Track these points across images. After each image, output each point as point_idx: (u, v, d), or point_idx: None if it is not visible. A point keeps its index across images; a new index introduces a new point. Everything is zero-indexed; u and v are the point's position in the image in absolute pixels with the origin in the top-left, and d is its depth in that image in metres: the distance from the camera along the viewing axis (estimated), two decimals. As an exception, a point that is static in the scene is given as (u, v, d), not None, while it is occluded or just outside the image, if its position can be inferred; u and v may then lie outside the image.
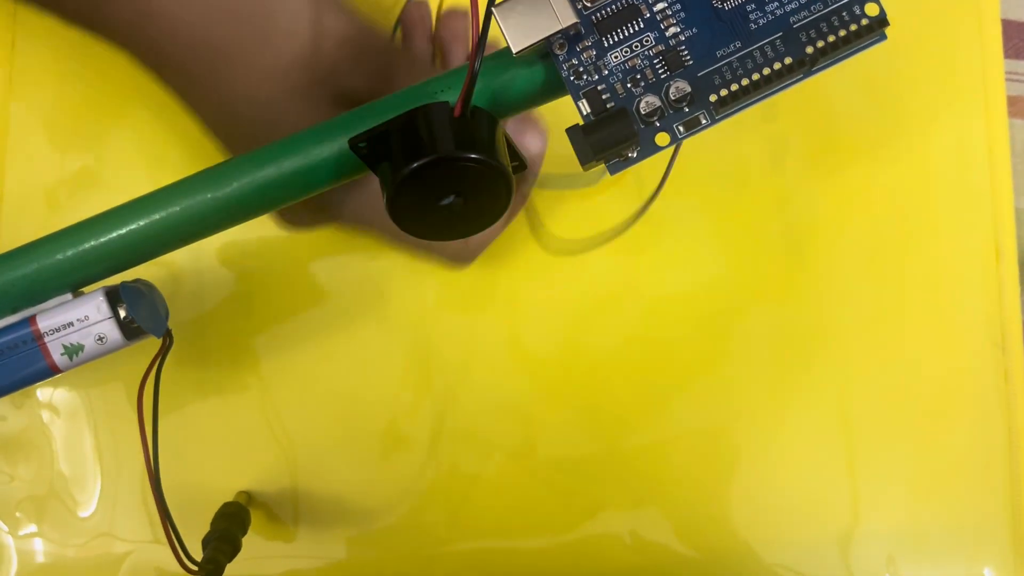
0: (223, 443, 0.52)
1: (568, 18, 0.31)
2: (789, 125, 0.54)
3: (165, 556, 0.51)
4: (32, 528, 0.51)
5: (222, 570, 0.42)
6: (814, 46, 0.32)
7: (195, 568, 0.41)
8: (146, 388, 0.38)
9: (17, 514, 0.51)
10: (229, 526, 0.47)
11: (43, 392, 0.52)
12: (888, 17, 0.32)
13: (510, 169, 0.34)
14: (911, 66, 0.55)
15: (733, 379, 0.54)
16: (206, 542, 0.44)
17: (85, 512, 0.51)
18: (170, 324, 0.40)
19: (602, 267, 0.54)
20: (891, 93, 0.55)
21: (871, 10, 0.31)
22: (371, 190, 0.41)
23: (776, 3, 0.32)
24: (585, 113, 0.33)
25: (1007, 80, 0.56)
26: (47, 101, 0.53)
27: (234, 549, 0.45)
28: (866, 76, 0.55)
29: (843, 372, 0.54)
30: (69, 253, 0.36)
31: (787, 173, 0.54)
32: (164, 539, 0.50)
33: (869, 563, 0.53)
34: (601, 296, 0.53)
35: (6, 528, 0.51)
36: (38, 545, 0.51)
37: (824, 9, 0.31)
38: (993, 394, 0.54)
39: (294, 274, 0.53)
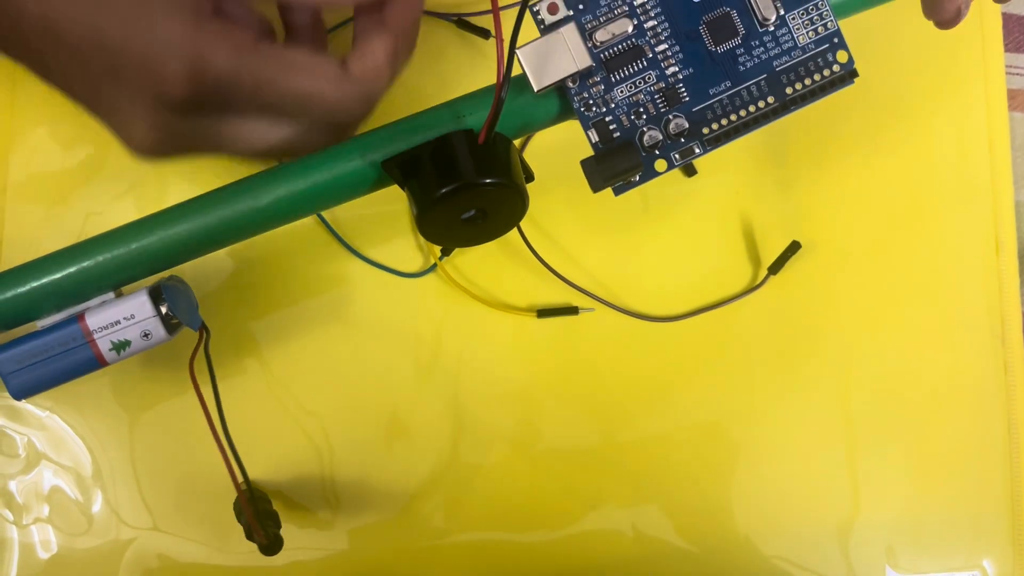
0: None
1: (584, 61, 0.42)
2: (789, 118, 0.56)
3: (167, 543, 0.57)
4: (35, 516, 0.57)
5: (281, 541, 0.50)
6: (793, 87, 0.43)
7: (265, 542, 0.49)
8: (195, 374, 0.47)
9: (20, 502, 0.57)
10: (265, 506, 0.54)
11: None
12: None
13: (524, 185, 0.44)
14: (912, 60, 0.62)
15: (734, 371, 0.60)
16: (249, 529, 0.51)
17: (88, 501, 0.58)
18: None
19: (602, 259, 0.60)
20: (892, 87, 0.62)
21: (841, 57, 0.42)
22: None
23: (761, 49, 0.43)
24: (594, 141, 0.43)
25: (1007, 74, 0.63)
26: (51, 93, 0.53)
27: (277, 524, 0.52)
28: (867, 71, 0.56)
29: (843, 364, 0.60)
30: (114, 255, 0.44)
31: (787, 165, 0.61)
32: (166, 527, 0.57)
33: (868, 554, 0.59)
34: (604, 288, 0.60)
35: (10, 517, 0.57)
36: (42, 533, 0.57)
37: (802, 56, 0.43)
38: (993, 386, 0.61)
39: (294, 265, 0.59)
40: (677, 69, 0.43)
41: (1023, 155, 0.64)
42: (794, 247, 0.59)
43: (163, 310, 0.45)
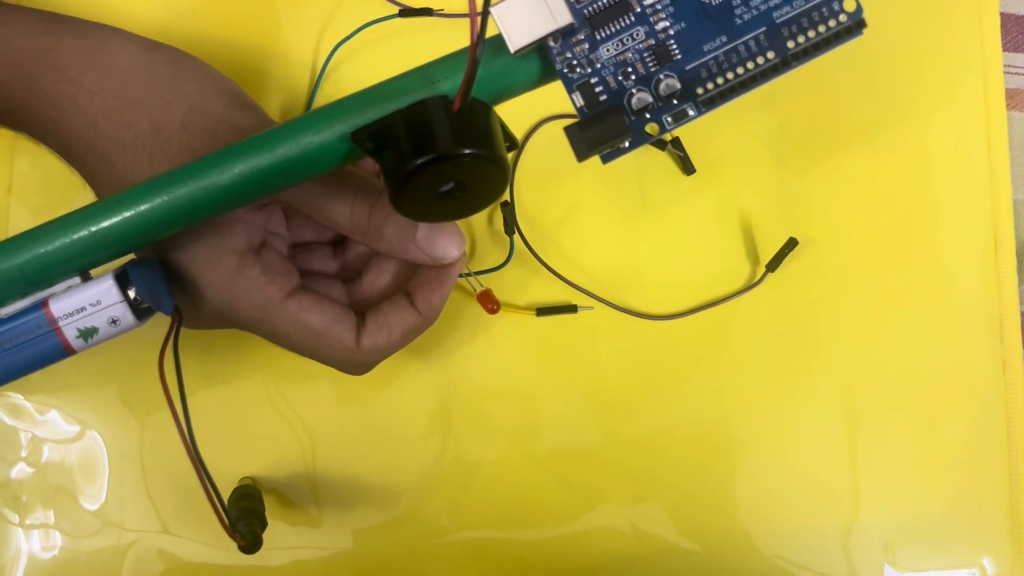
0: (226, 430, 0.53)
1: (564, 17, 0.34)
2: (788, 116, 0.56)
3: (168, 543, 0.53)
4: (39, 517, 0.53)
5: (260, 542, 0.45)
6: (795, 41, 0.34)
7: (237, 537, 0.43)
8: (165, 365, 0.40)
9: (24, 501, 0.53)
10: (251, 504, 0.49)
11: (49, 386, 0.54)
12: (870, 16, 0.35)
13: (506, 156, 0.36)
14: (911, 59, 0.57)
15: (733, 370, 0.55)
16: (235, 520, 0.47)
17: (91, 503, 0.53)
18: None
19: (600, 257, 0.55)
20: (891, 86, 0.57)
21: (848, 5, 0.34)
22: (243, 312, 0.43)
23: (760, -1, 0.34)
24: (579, 105, 0.35)
25: (1005, 73, 0.58)
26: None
27: (263, 523, 0.48)
28: (865, 68, 0.56)
29: (842, 363, 0.55)
30: (75, 237, 0.37)
31: (785, 163, 0.56)
32: (168, 528, 0.53)
33: (868, 553, 0.55)
34: (603, 287, 0.55)
35: (15, 519, 0.53)
36: (45, 534, 0.53)
37: (805, 5, 0.34)
38: (992, 385, 0.55)
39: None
40: (668, 24, 0.35)
41: (1022, 154, 0.58)
42: (791, 244, 0.54)
43: (131, 294, 0.38)
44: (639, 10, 0.35)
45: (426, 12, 0.53)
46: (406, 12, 0.54)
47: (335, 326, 0.43)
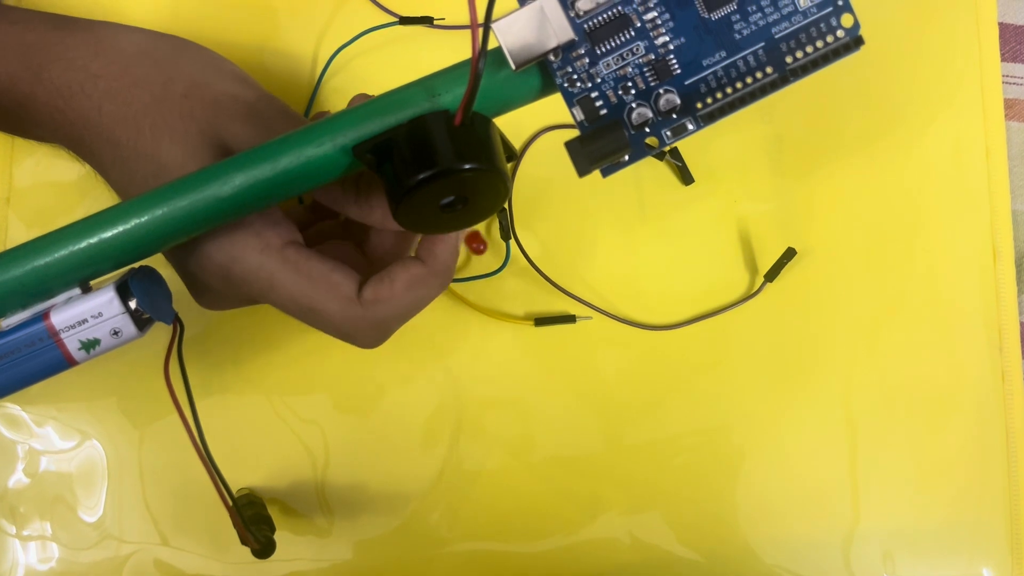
0: (222, 442, 0.52)
1: (566, 34, 0.34)
2: (786, 126, 0.56)
3: (166, 554, 0.54)
4: (36, 528, 0.53)
5: (274, 545, 0.46)
6: (793, 56, 0.35)
7: (252, 540, 0.44)
8: (171, 373, 0.41)
9: (22, 510, 0.53)
10: (257, 511, 0.50)
11: (46, 397, 0.54)
12: (869, 26, 0.35)
13: (506, 168, 0.37)
14: (909, 69, 0.57)
15: (732, 379, 0.55)
16: (247, 523, 0.47)
17: (89, 515, 0.54)
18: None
19: (599, 267, 0.56)
20: (889, 96, 0.57)
21: (846, 21, 0.34)
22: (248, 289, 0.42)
23: (759, 15, 0.35)
24: (579, 119, 0.36)
25: (1004, 83, 0.58)
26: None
27: (272, 528, 0.48)
28: (863, 78, 0.57)
29: (842, 373, 0.55)
30: (75, 249, 0.37)
31: (783, 173, 0.56)
32: (167, 540, 0.54)
33: (868, 563, 0.55)
34: (601, 297, 0.55)
35: (12, 530, 0.53)
36: (42, 545, 0.53)
37: (803, 21, 0.35)
38: (991, 394, 0.56)
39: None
40: (668, 39, 0.36)
41: (1020, 164, 0.58)
42: (790, 254, 0.55)
43: (132, 305, 0.39)
44: (639, 25, 0.35)
45: (425, 21, 0.54)
46: (406, 20, 0.54)
47: (334, 273, 0.41)
